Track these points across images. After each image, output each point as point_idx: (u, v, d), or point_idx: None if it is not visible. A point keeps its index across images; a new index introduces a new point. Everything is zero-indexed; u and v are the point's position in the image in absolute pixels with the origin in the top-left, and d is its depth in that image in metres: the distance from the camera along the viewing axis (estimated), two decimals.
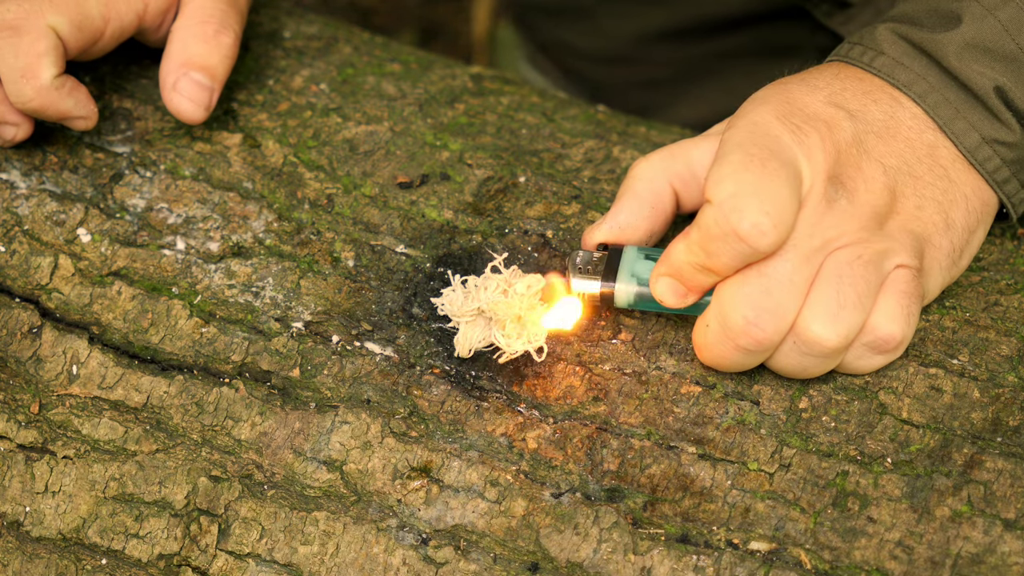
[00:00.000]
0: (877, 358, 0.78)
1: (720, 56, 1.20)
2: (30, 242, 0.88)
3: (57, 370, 0.84)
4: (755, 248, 0.73)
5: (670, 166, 0.81)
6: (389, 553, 0.78)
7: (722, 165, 0.74)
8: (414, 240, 0.87)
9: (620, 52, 1.24)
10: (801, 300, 0.75)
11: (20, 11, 0.85)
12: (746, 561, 0.75)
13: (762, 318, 0.74)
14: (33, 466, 0.82)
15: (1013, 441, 0.77)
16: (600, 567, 0.76)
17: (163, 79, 0.89)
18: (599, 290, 0.80)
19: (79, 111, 0.88)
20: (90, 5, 0.87)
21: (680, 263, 0.76)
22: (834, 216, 0.75)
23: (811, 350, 0.75)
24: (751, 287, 0.74)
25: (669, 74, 1.23)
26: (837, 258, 0.75)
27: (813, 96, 0.78)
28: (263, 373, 0.83)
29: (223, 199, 0.89)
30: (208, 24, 0.90)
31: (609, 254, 0.81)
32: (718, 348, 0.76)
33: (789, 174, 0.74)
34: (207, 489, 0.80)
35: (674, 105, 1.21)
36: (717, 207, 0.73)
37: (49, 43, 0.85)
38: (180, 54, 0.89)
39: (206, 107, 0.89)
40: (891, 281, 0.76)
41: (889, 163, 0.78)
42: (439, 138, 0.92)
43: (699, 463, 0.78)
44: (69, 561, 0.81)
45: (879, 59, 0.81)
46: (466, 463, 0.79)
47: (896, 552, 0.75)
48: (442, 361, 0.82)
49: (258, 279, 0.86)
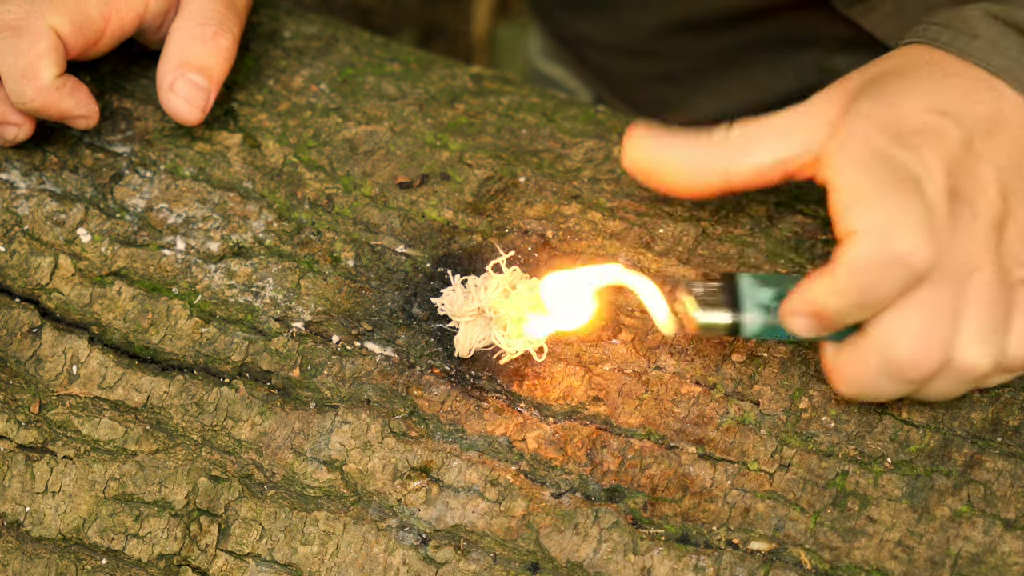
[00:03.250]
0: (1006, 376, 0.77)
1: (740, 48, 1.20)
2: (30, 242, 0.88)
3: (57, 370, 0.84)
4: (916, 271, 0.71)
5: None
6: (389, 553, 0.78)
7: (859, 194, 0.72)
8: (414, 240, 0.87)
9: (639, 45, 1.23)
10: (956, 326, 0.73)
11: (20, 11, 0.85)
12: (746, 561, 0.75)
13: (930, 350, 0.72)
14: (33, 466, 0.82)
15: (1013, 441, 0.77)
16: (600, 567, 0.76)
17: (160, 80, 0.89)
18: (730, 320, 0.77)
19: (80, 110, 0.88)
20: (91, 5, 0.87)
21: (826, 304, 0.73)
22: (961, 233, 0.73)
23: (965, 376, 0.74)
24: (913, 319, 0.72)
25: (689, 67, 1.23)
26: (977, 279, 0.73)
27: (913, 103, 0.75)
28: (263, 373, 0.83)
29: (223, 199, 0.89)
30: (206, 26, 0.89)
31: (723, 283, 0.78)
32: (878, 383, 0.74)
33: (921, 194, 0.72)
34: (207, 489, 0.80)
35: (694, 98, 1.20)
36: (870, 236, 0.71)
37: (49, 43, 0.85)
38: (177, 55, 0.89)
39: (202, 108, 0.89)
40: (1020, 299, 0.74)
41: (999, 163, 0.75)
42: (439, 138, 0.92)
43: (699, 463, 0.78)
44: (69, 561, 0.81)
45: (974, 43, 0.77)
46: (466, 463, 0.79)
47: (896, 552, 0.75)
48: (442, 361, 0.82)
49: (258, 279, 0.86)
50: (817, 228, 0.87)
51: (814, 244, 0.86)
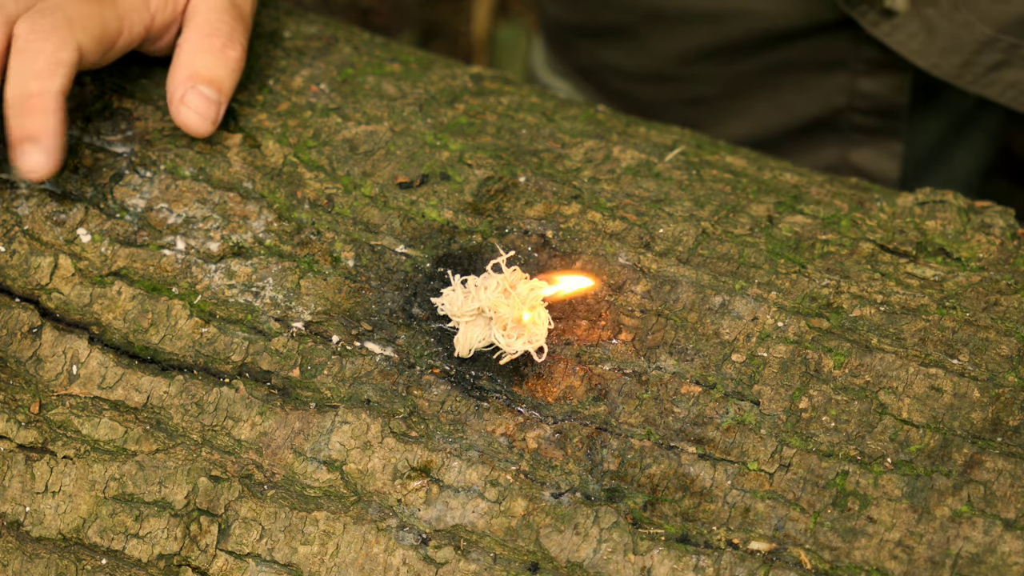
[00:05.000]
0: None
1: (767, 71, 1.20)
2: (30, 242, 0.88)
3: (57, 370, 0.84)
4: None
5: None
6: (389, 553, 0.78)
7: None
8: (414, 240, 0.87)
9: (666, 70, 1.23)
10: None
11: (50, 22, 0.85)
12: (746, 561, 0.75)
13: None
14: (33, 466, 0.82)
15: (1013, 441, 0.77)
16: (600, 567, 0.76)
17: (171, 92, 0.89)
18: None
19: (50, 140, 0.84)
20: (109, 21, 0.87)
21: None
22: None
23: None
24: None
25: (716, 91, 1.23)
26: None
27: None
28: (263, 373, 0.83)
29: (223, 199, 0.89)
30: (215, 38, 0.90)
31: None
32: None
33: None
34: (207, 489, 0.80)
35: (723, 122, 1.21)
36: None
37: (71, 57, 0.84)
38: (187, 67, 0.89)
39: (213, 121, 0.89)
40: None
41: None
42: (439, 138, 0.92)
43: (699, 463, 0.78)
44: (69, 561, 0.81)
45: None
46: (466, 463, 0.79)
47: (896, 552, 0.75)
48: (442, 361, 0.82)
49: (258, 279, 0.86)
50: (817, 228, 0.87)
51: (814, 244, 0.86)
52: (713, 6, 1.17)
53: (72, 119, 0.92)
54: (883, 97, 1.18)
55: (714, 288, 0.83)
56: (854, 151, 1.22)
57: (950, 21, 1.09)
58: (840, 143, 1.22)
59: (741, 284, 0.84)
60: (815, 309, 0.83)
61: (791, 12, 1.15)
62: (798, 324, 0.82)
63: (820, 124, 1.22)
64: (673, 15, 1.19)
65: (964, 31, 1.09)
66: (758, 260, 0.85)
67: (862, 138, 1.21)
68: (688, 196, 0.89)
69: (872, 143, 1.21)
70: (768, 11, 1.15)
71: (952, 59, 1.10)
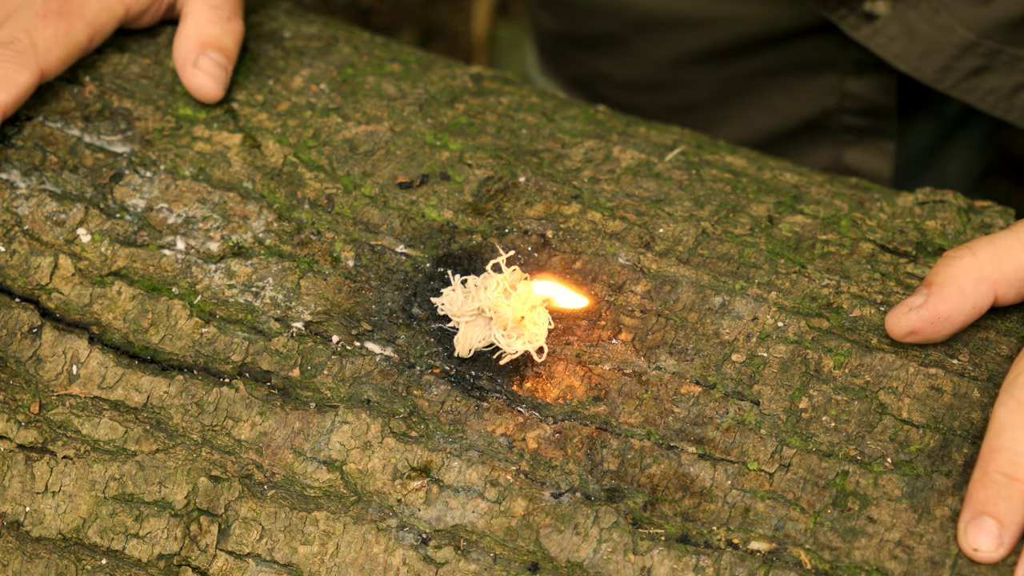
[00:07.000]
0: None
1: (757, 74, 1.21)
2: (30, 242, 0.88)
3: (57, 370, 0.84)
4: None
5: (998, 268, 0.79)
6: (389, 553, 0.78)
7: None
8: (414, 240, 0.87)
9: (658, 77, 1.24)
10: None
11: (8, 53, 0.89)
12: (746, 561, 0.75)
13: None
14: (33, 466, 0.82)
15: None
16: (600, 567, 0.76)
17: (183, 57, 0.93)
18: None
19: None
20: (76, 33, 0.91)
21: None
22: None
23: None
24: None
25: (708, 96, 1.24)
26: None
27: None
28: (263, 373, 0.83)
29: (223, 199, 0.89)
30: (221, 10, 0.95)
31: None
32: None
33: None
34: (207, 489, 0.80)
35: (715, 126, 1.21)
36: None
37: (29, 79, 0.89)
38: (197, 35, 0.93)
39: (224, 85, 0.93)
40: None
41: None
42: (439, 138, 0.92)
43: (699, 463, 0.78)
44: (69, 561, 0.81)
45: None
46: (466, 463, 0.79)
47: (896, 552, 0.75)
48: (442, 361, 0.82)
49: (258, 279, 0.86)
50: (817, 228, 0.87)
51: (814, 244, 0.86)
52: (701, 12, 1.17)
53: (72, 119, 0.92)
54: (871, 98, 1.18)
55: (714, 288, 0.83)
56: (847, 152, 1.22)
57: (930, 25, 1.08)
58: (832, 144, 1.23)
59: (741, 284, 0.84)
60: (815, 309, 0.83)
61: (777, 16, 1.15)
62: (798, 324, 0.82)
63: (811, 126, 1.23)
64: (662, 22, 1.19)
65: (944, 35, 1.08)
66: (758, 260, 0.85)
67: (853, 139, 1.21)
68: (688, 196, 0.89)
69: (863, 143, 1.21)
70: (755, 15, 1.16)
71: (932, 63, 1.10)
